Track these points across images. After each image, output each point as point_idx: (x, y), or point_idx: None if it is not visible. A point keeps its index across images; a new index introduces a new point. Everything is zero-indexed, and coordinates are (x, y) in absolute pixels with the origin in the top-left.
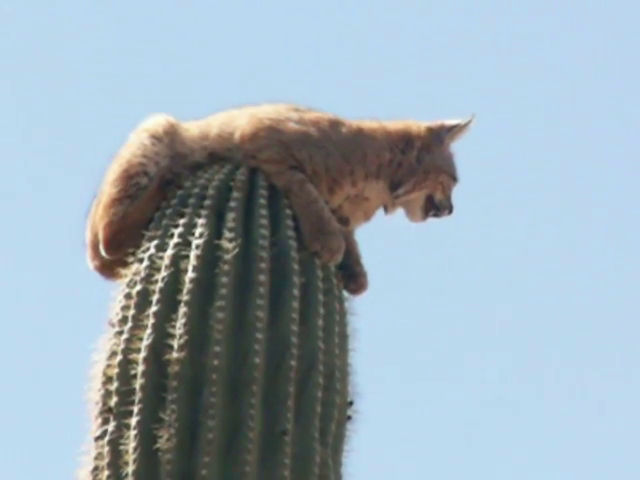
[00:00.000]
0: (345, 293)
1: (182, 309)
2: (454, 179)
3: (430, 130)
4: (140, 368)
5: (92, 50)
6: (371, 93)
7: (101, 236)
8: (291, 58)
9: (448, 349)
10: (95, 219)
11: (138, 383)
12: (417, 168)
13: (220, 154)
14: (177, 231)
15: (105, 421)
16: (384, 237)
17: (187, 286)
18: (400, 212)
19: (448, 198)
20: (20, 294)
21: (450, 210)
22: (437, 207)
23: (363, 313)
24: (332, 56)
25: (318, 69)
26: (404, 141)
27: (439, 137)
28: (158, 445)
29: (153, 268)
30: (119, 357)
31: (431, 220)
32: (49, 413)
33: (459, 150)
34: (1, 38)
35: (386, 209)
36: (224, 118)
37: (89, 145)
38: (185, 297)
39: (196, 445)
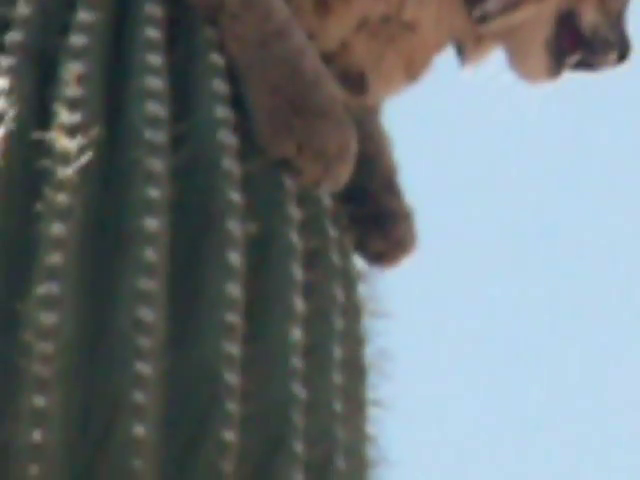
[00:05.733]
0: (361, 263)
1: None
2: None
3: None
4: None
5: None
6: None
7: None
8: None
9: None
10: None
11: None
12: None
13: None
14: None
15: None
16: (461, 121)
17: None
18: (497, 58)
19: (615, 20)
20: None
21: (622, 48)
22: (587, 41)
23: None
24: None
25: None
26: None
27: None
28: None
29: None
30: None
31: (574, 75)
32: None
33: None
34: None
35: (461, 51)
36: None
37: None
38: None
39: None
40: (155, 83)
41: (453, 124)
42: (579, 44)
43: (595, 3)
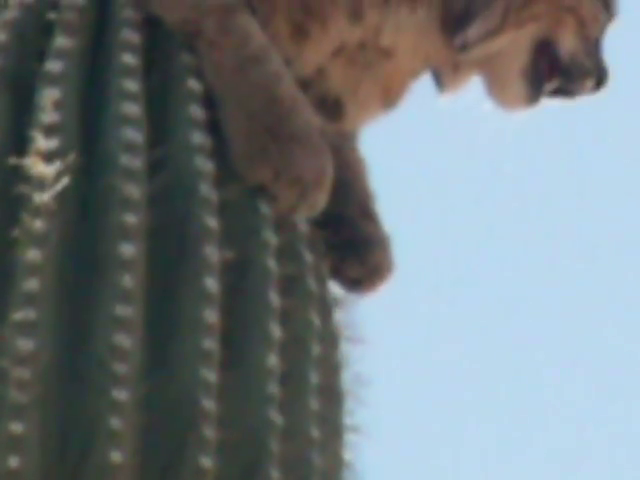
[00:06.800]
0: (337, 289)
1: None
2: (606, 5)
3: None
4: None
5: None
6: None
7: None
8: None
9: None
10: None
11: None
12: None
13: None
14: None
15: None
16: (437, 148)
17: None
18: (475, 86)
19: (593, 48)
20: None
21: (600, 75)
22: (564, 68)
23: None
24: None
25: None
26: None
27: None
28: None
29: None
30: None
31: (551, 102)
32: None
33: None
34: None
35: (439, 78)
36: None
37: None
38: None
39: None
40: (132, 109)
41: (430, 151)
42: (557, 71)
43: (572, 31)
